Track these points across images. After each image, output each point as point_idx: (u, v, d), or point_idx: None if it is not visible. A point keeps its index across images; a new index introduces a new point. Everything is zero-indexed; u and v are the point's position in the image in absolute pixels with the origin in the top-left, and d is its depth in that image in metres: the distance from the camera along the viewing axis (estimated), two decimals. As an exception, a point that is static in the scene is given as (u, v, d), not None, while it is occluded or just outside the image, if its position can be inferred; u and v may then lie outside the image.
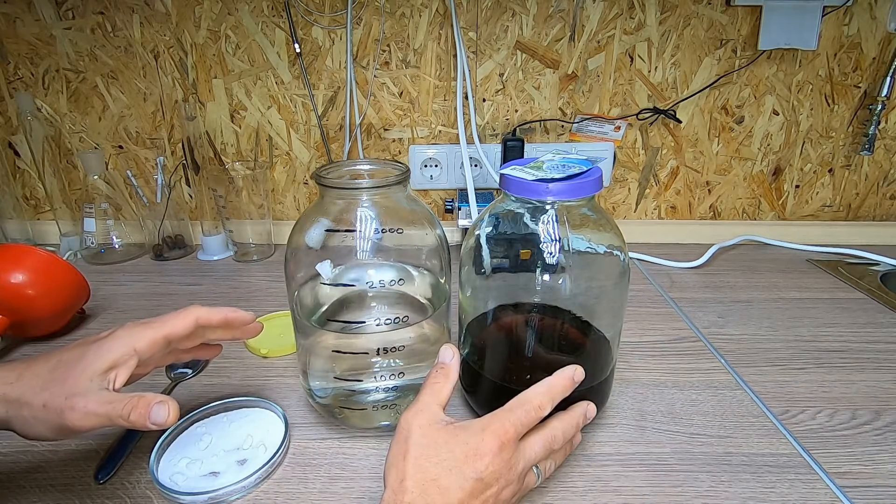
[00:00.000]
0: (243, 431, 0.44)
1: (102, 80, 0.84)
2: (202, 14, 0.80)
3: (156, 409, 0.31)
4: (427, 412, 0.34)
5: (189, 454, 0.42)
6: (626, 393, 0.51)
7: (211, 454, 0.42)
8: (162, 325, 0.36)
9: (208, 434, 0.44)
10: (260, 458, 0.41)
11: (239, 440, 0.43)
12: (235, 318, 0.40)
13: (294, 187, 0.92)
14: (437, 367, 0.37)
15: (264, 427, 0.45)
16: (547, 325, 0.44)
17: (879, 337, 0.61)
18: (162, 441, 0.42)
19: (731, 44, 0.82)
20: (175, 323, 0.37)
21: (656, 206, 0.93)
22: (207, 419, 0.46)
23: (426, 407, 0.34)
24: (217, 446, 0.43)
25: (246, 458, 0.42)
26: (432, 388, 0.36)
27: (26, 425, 0.31)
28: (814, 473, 0.41)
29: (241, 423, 0.46)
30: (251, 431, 0.44)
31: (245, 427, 0.45)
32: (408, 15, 0.80)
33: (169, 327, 0.37)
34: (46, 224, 0.91)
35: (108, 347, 0.34)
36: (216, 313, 0.39)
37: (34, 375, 0.32)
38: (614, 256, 0.42)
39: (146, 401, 0.31)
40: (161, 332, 0.36)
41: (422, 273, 0.45)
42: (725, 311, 0.67)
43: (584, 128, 0.87)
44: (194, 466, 0.41)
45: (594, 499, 0.39)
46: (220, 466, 0.41)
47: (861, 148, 0.85)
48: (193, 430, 0.45)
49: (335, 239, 0.41)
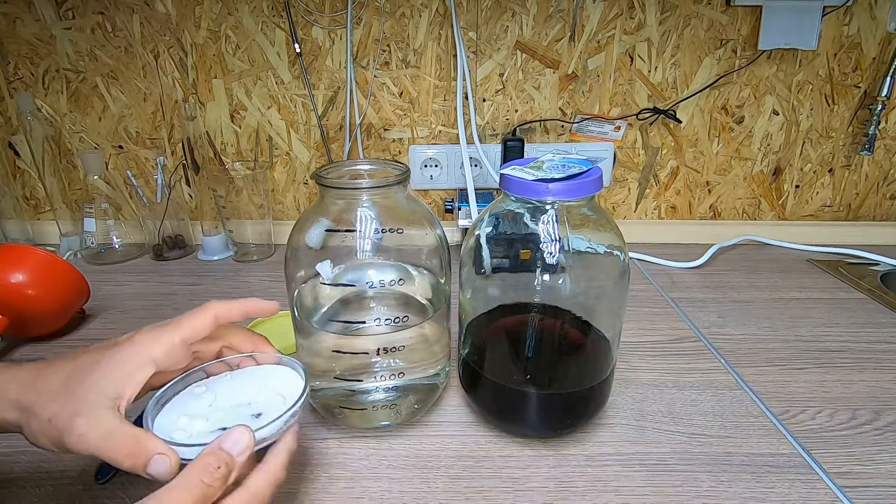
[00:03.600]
0: (253, 386, 0.37)
1: (102, 80, 0.84)
2: (202, 14, 0.80)
3: (155, 462, 0.28)
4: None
5: (189, 412, 0.35)
6: (626, 393, 0.51)
7: (217, 410, 0.35)
8: (178, 328, 0.34)
9: (210, 392, 0.37)
10: (279, 407, 0.34)
11: (249, 395, 0.36)
12: (258, 309, 0.37)
13: (294, 187, 0.92)
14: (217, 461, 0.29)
15: (277, 380, 0.38)
16: (547, 325, 0.44)
17: (879, 337, 0.61)
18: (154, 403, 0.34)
19: (731, 44, 0.82)
20: (192, 323, 0.34)
21: (656, 206, 0.93)
22: (206, 380, 0.38)
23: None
24: (223, 402, 0.36)
25: (261, 410, 0.35)
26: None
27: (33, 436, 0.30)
28: (814, 473, 0.41)
29: (248, 379, 0.38)
30: (262, 385, 0.37)
31: (254, 382, 0.38)
32: (408, 15, 0.80)
33: (186, 329, 0.34)
34: (46, 224, 0.91)
35: (123, 358, 0.31)
36: (235, 307, 0.36)
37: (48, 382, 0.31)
38: (614, 256, 0.42)
39: (145, 450, 0.28)
40: (178, 335, 0.33)
41: (422, 273, 0.45)
42: (725, 311, 0.67)
43: (584, 128, 0.87)
44: (198, 423, 0.34)
45: (594, 499, 0.39)
46: (231, 422, 0.33)
47: (861, 148, 0.85)
48: (191, 391, 0.37)
49: (335, 239, 0.41)
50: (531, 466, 0.42)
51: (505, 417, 0.45)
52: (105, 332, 0.62)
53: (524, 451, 0.44)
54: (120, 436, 0.28)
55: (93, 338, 0.61)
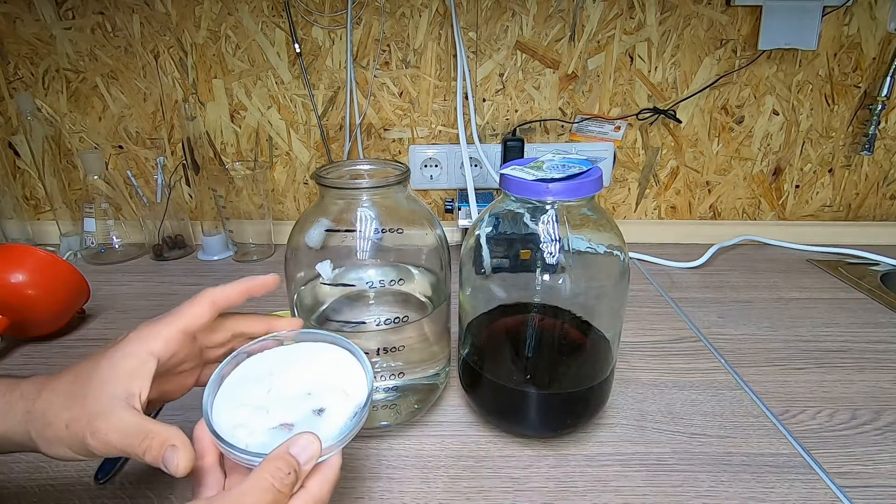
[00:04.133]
0: (312, 372, 0.35)
1: (102, 80, 0.84)
2: (202, 14, 0.80)
3: (168, 455, 0.28)
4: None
5: (249, 400, 0.32)
6: (626, 393, 0.51)
7: (277, 400, 0.33)
8: (175, 318, 0.32)
9: (269, 374, 0.34)
10: (343, 408, 0.32)
11: (308, 383, 0.34)
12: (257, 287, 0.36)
13: (294, 187, 0.92)
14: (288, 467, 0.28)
15: (337, 368, 0.35)
16: (547, 325, 0.44)
17: (879, 337, 0.61)
18: (212, 383, 0.33)
19: (731, 44, 0.82)
20: (190, 311, 0.33)
21: (656, 206, 0.93)
22: (261, 353, 0.36)
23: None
24: (282, 390, 0.33)
25: (322, 406, 0.32)
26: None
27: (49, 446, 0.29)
28: (814, 473, 0.41)
29: (307, 360, 0.35)
30: (322, 372, 0.35)
31: (314, 366, 0.35)
32: (408, 15, 0.80)
33: (184, 318, 0.32)
34: (46, 224, 0.91)
35: (122, 356, 0.30)
36: (232, 289, 0.35)
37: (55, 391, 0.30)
38: (614, 256, 0.42)
39: (160, 441, 0.28)
40: (176, 325, 0.32)
41: (422, 273, 0.45)
42: (725, 311, 0.67)
43: (584, 128, 0.87)
44: (260, 417, 0.31)
45: (594, 499, 0.39)
46: (292, 417, 0.31)
47: (861, 148, 0.85)
48: (248, 366, 0.35)
49: (335, 239, 0.41)
50: (531, 466, 0.42)
51: (505, 417, 0.45)
52: (105, 332, 0.62)
53: (524, 451, 0.44)
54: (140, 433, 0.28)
55: (93, 338, 0.61)
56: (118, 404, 0.28)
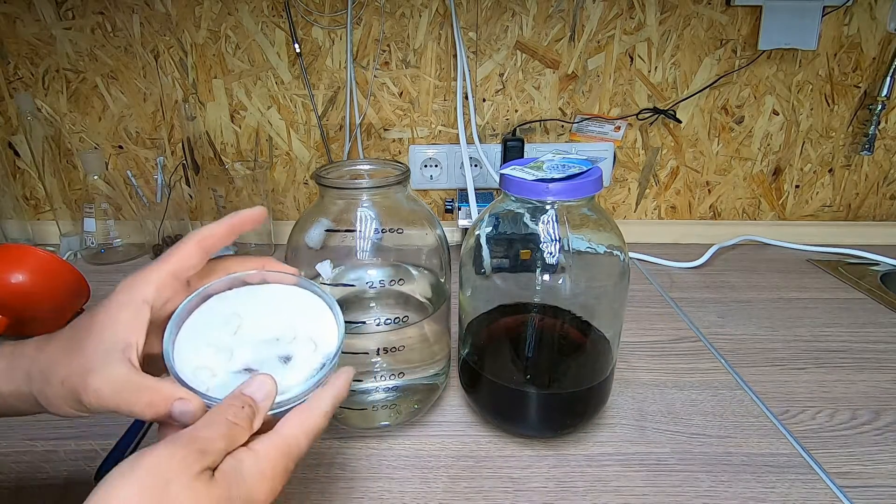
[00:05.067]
0: (282, 316, 0.33)
1: (102, 80, 0.84)
2: (202, 14, 0.80)
3: (178, 407, 0.27)
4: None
5: (214, 340, 0.31)
6: (626, 393, 0.51)
7: (242, 342, 0.31)
8: (163, 262, 0.31)
9: (236, 314, 0.33)
10: (311, 359, 0.31)
11: (277, 328, 0.32)
12: (244, 221, 0.34)
13: (294, 187, 0.92)
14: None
15: (309, 315, 0.33)
16: (547, 325, 0.44)
17: (879, 337, 0.61)
18: (176, 318, 0.31)
19: (731, 44, 0.82)
20: (177, 254, 0.32)
21: (656, 206, 0.93)
22: (229, 292, 0.34)
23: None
24: (249, 332, 0.32)
25: (290, 354, 0.31)
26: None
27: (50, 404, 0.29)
28: (814, 473, 0.41)
29: (277, 303, 0.34)
30: (292, 318, 0.33)
31: (284, 310, 0.33)
32: (408, 15, 0.80)
33: (171, 261, 0.31)
34: (46, 224, 0.91)
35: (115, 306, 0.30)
36: (218, 227, 0.33)
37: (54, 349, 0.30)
38: (614, 256, 0.42)
39: (162, 396, 0.27)
40: (164, 269, 0.31)
41: (422, 273, 0.45)
42: (725, 311, 0.67)
43: (584, 128, 0.87)
44: (223, 358, 0.30)
45: (594, 499, 0.39)
46: (257, 361, 0.30)
47: (861, 148, 0.85)
48: (214, 305, 0.33)
49: (335, 239, 0.41)
50: (531, 466, 0.42)
51: (505, 417, 0.45)
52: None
53: (524, 451, 0.44)
54: (136, 387, 0.27)
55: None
56: (113, 358, 0.28)
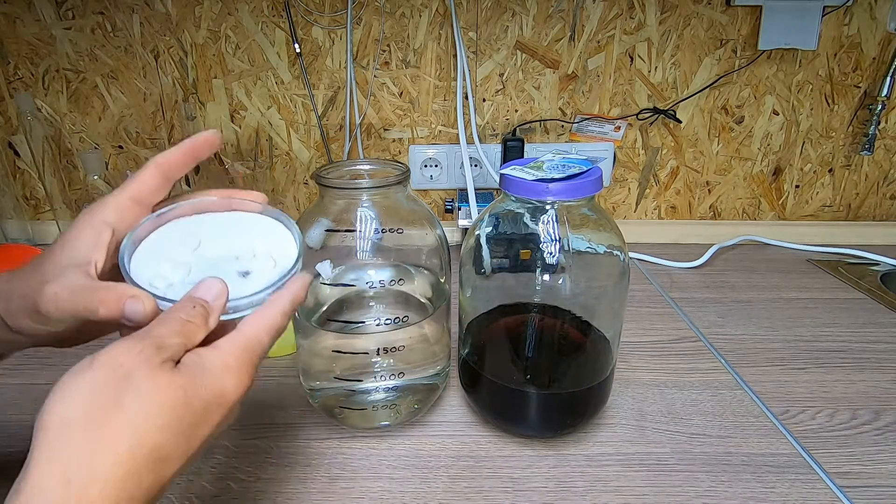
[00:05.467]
0: (241, 239, 0.33)
1: (102, 80, 0.84)
2: (202, 14, 0.80)
3: (129, 305, 0.27)
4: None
5: (172, 256, 0.31)
6: (626, 393, 0.51)
7: (201, 259, 0.32)
8: (123, 188, 0.32)
9: (193, 235, 0.33)
10: (269, 273, 0.31)
11: (238, 248, 0.33)
12: (199, 146, 0.34)
13: (294, 187, 0.92)
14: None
15: (270, 238, 0.34)
16: (547, 325, 0.44)
17: (879, 337, 0.61)
18: (133, 235, 0.31)
19: (731, 44, 0.82)
20: (137, 179, 0.32)
21: (656, 206, 0.93)
22: (188, 218, 0.34)
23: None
24: (208, 251, 0.32)
25: (249, 269, 0.32)
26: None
27: (14, 319, 0.30)
28: (814, 473, 0.41)
29: (235, 227, 0.34)
30: (253, 240, 0.33)
31: (246, 233, 0.34)
32: (408, 15, 0.80)
33: (131, 187, 0.32)
34: (46, 224, 0.91)
35: (75, 229, 0.30)
36: (176, 150, 0.33)
37: (18, 273, 0.31)
38: (614, 256, 0.42)
39: (116, 294, 0.27)
40: (124, 194, 0.32)
41: (422, 273, 0.45)
42: (725, 311, 0.67)
43: (584, 128, 0.87)
44: (180, 272, 0.31)
45: (594, 499, 0.39)
46: (215, 275, 0.30)
47: (861, 148, 0.85)
48: (172, 227, 0.33)
49: (335, 239, 0.41)
50: (531, 466, 0.42)
51: (505, 417, 0.45)
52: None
53: (524, 451, 0.44)
54: (90, 289, 0.27)
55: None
56: (71, 270, 0.28)
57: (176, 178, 0.33)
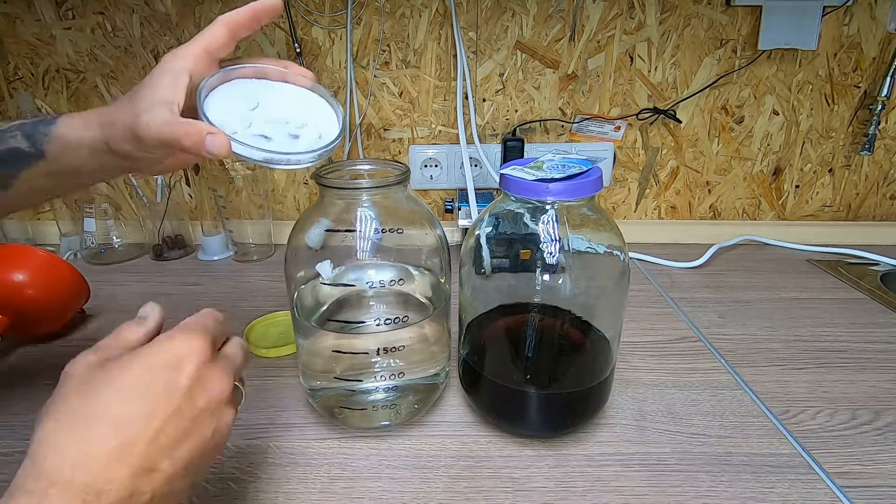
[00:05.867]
0: (293, 108, 0.39)
1: (102, 80, 0.84)
2: (202, 14, 0.80)
3: (209, 139, 0.33)
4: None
5: (236, 109, 0.37)
6: (626, 393, 0.51)
7: (259, 117, 0.37)
8: (196, 40, 0.37)
9: (253, 96, 0.38)
10: (314, 143, 0.37)
11: (290, 115, 0.38)
12: (260, 11, 0.39)
13: (294, 187, 0.92)
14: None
15: (317, 113, 0.39)
16: (547, 325, 0.44)
17: (879, 337, 0.61)
18: (206, 84, 0.36)
19: (731, 44, 0.82)
20: (207, 34, 0.37)
21: (656, 206, 0.93)
22: (248, 80, 0.39)
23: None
24: (266, 111, 0.37)
25: (298, 134, 0.37)
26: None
27: (118, 143, 0.35)
28: (814, 473, 0.41)
29: (289, 97, 0.39)
30: (304, 111, 0.39)
31: (297, 104, 0.39)
32: (408, 15, 0.80)
33: (203, 39, 0.37)
34: (46, 224, 0.91)
35: (160, 73, 0.35)
36: (242, 10, 0.38)
37: (118, 103, 0.36)
38: (614, 256, 0.42)
39: (197, 129, 0.33)
40: (198, 45, 0.37)
41: (422, 273, 0.45)
42: (725, 311, 0.67)
43: (584, 128, 0.87)
44: (243, 124, 0.36)
45: (594, 499, 0.39)
46: (271, 132, 0.36)
47: (861, 148, 0.85)
48: (238, 84, 0.38)
49: (335, 239, 0.41)
50: (531, 466, 0.42)
51: (505, 417, 0.45)
52: (105, 332, 0.62)
53: (524, 451, 0.44)
54: (176, 123, 0.33)
55: (93, 338, 0.61)
56: (160, 106, 0.34)
57: (240, 38, 0.38)
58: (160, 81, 0.35)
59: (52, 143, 0.37)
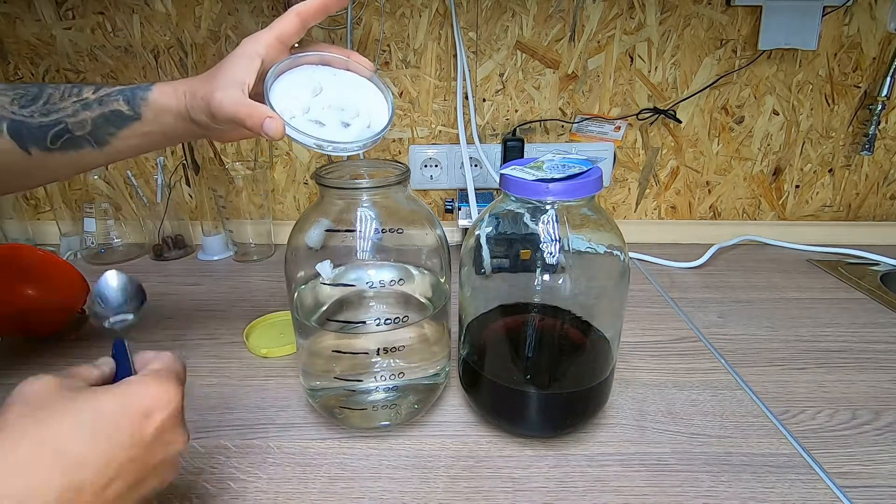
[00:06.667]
0: (353, 98, 0.42)
1: (102, 80, 0.84)
2: (202, 14, 0.80)
3: (268, 122, 0.37)
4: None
5: (298, 95, 0.40)
6: (626, 393, 0.51)
7: (318, 104, 0.41)
8: (270, 28, 0.40)
9: (316, 82, 0.41)
10: (363, 133, 0.40)
11: (346, 103, 0.41)
12: (331, 2, 0.41)
13: (294, 187, 0.92)
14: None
15: (371, 103, 0.42)
16: (547, 325, 0.44)
17: (879, 337, 0.61)
18: (275, 69, 0.40)
19: (731, 44, 0.82)
20: (280, 23, 0.40)
21: (656, 206, 0.93)
22: (314, 66, 0.42)
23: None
24: (325, 99, 0.41)
25: (349, 123, 0.40)
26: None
27: (195, 112, 0.40)
28: (814, 473, 0.41)
29: (352, 86, 0.43)
30: (359, 101, 0.42)
31: (352, 93, 0.42)
32: (408, 15, 0.80)
33: (277, 27, 0.40)
34: (46, 224, 0.91)
35: (235, 56, 0.40)
36: (313, 3, 0.41)
37: (198, 79, 0.41)
38: (614, 256, 0.42)
39: (259, 112, 0.37)
40: (271, 33, 0.40)
41: (422, 273, 0.45)
42: (725, 311, 0.67)
43: (584, 128, 0.87)
44: (302, 110, 0.40)
45: (594, 499, 0.39)
46: (325, 119, 0.40)
47: (861, 148, 0.85)
48: (304, 71, 0.42)
49: (335, 239, 0.41)
50: (531, 466, 0.42)
51: (505, 417, 0.45)
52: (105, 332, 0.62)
53: (524, 451, 0.44)
54: (243, 103, 0.38)
55: (93, 338, 0.61)
56: (233, 85, 0.38)
57: (310, 25, 0.42)
58: (237, 63, 0.39)
59: (147, 107, 0.42)
